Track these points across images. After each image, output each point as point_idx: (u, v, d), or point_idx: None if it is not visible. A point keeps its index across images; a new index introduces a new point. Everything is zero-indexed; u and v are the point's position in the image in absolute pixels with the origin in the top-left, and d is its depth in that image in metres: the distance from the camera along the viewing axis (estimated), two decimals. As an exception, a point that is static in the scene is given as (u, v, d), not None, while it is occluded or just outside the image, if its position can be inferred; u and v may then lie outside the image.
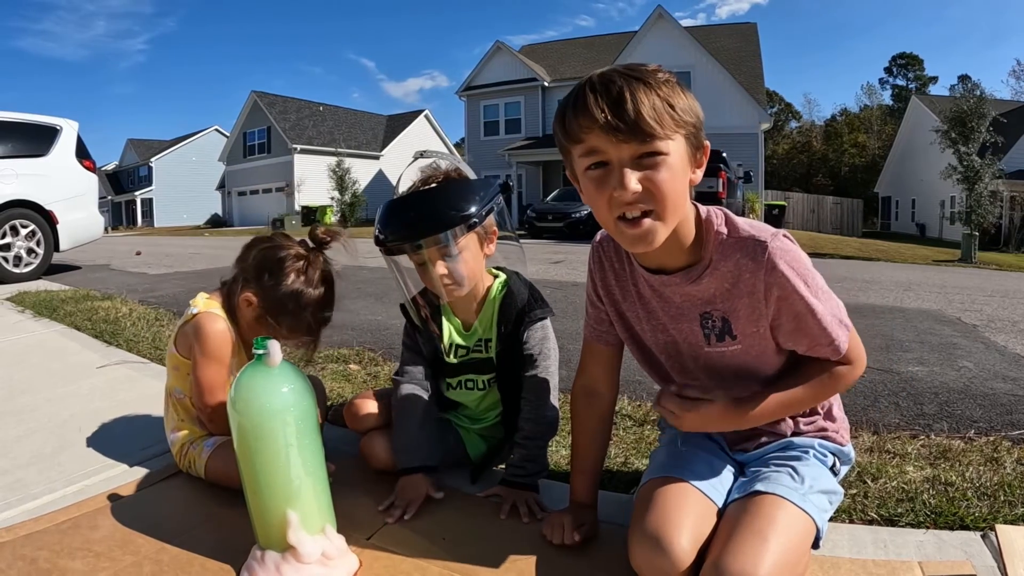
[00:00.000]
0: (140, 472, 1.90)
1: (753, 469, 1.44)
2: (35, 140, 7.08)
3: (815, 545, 1.32)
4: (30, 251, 6.91)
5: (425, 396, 1.84)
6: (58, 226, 7.12)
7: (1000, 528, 1.54)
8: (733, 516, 1.29)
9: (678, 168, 1.16)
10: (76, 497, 1.74)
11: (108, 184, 41.60)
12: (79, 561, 1.43)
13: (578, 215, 17.37)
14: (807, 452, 1.45)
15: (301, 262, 1.80)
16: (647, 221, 1.17)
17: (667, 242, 1.23)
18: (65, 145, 7.30)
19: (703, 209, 1.32)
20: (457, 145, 34.90)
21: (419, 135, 36.91)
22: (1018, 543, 1.47)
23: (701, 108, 1.22)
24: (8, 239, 6.70)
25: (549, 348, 1.78)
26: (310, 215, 28.88)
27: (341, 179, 25.75)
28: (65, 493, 1.77)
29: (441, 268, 1.63)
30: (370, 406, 1.92)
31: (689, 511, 1.30)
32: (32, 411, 2.44)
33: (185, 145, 42.70)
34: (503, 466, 1.88)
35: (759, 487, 1.32)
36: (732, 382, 1.39)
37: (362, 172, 30.27)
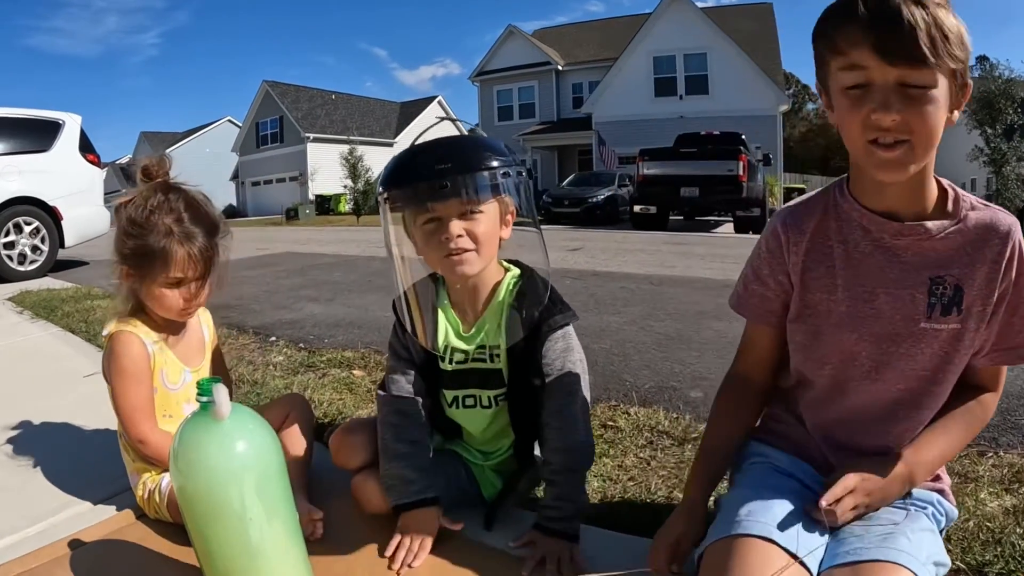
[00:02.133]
0: (106, 512, 1.69)
1: (856, 526, 1.17)
2: (37, 135, 6.91)
3: None
4: (35, 248, 6.78)
5: (417, 413, 1.55)
6: (63, 222, 6.98)
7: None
8: None
9: (941, 103, 1.03)
10: (38, 541, 1.56)
11: (122, 177, 41.71)
12: None
13: (595, 200, 17.13)
14: (925, 509, 1.21)
15: (138, 204, 1.58)
16: (901, 149, 1.04)
17: (910, 182, 1.11)
18: (68, 140, 7.13)
19: None
20: (471, 131, 34.64)
21: (433, 121, 36.57)
22: None
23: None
24: (12, 237, 6.57)
25: (574, 360, 1.49)
26: (324, 204, 28.84)
27: (354, 167, 25.58)
28: (27, 535, 1.60)
29: (457, 227, 1.35)
30: (355, 441, 1.63)
31: None
32: (10, 427, 2.30)
33: (198, 137, 42.68)
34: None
35: (874, 554, 1.07)
36: (892, 403, 1.20)
37: (376, 160, 30.00)
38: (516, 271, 1.53)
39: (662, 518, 1.58)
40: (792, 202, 1.31)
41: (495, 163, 1.34)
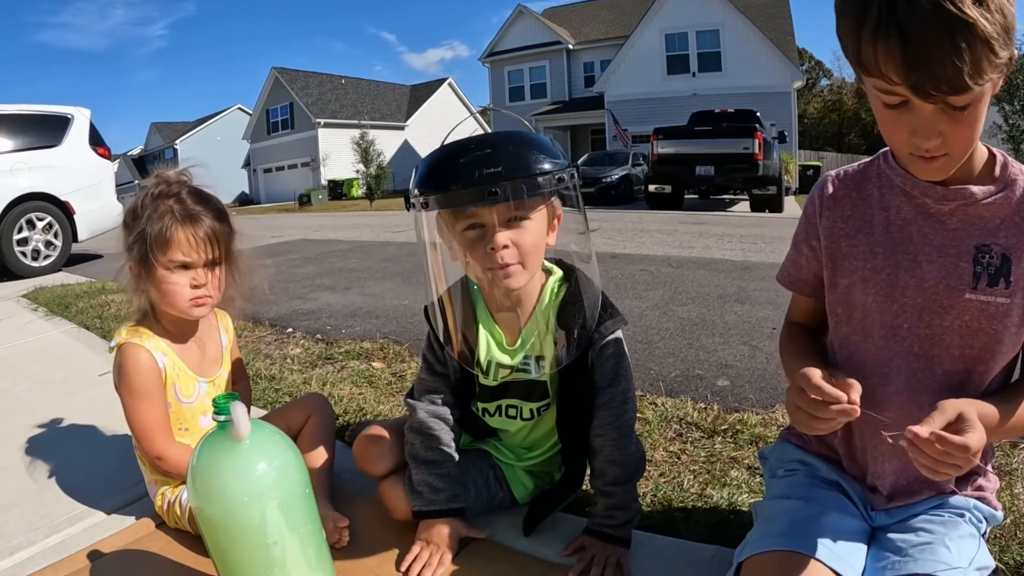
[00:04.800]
0: (124, 521, 1.65)
1: (895, 537, 1.11)
2: (47, 131, 6.89)
3: None
4: (48, 244, 6.79)
5: (448, 421, 1.48)
6: (75, 217, 6.97)
7: None
8: None
9: (983, 110, 0.97)
10: (56, 553, 1.53)
11: (135, 169, 41.89)
12: None
13: (609, 179, 16.99)
14: (963, 515, 1.14)
15: (140, 197, 1.54)
16: (942, 160, 1.00)
17: None
18: (78, 134, 7.11)
19: None
20: (481, 112, 34.69)
21: (443, 104, 36.62)
22: None
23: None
24: (25, 233, 6.57)
25: (625, 368, 1.42)
26: (336, 189, 28.85)
27: (366, 151, 25.51)
28: (44, 547, 1.56)
29: (503, 238, 1.24)
30: (380, 449, 1.57)
31: None
32: (25, 433, 2.26)
33: (209, 126, 42.70)
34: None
35: (913, 568, 1.02)
36: (939, 386, 1.11)
37: (387, 144, 30.12)
38: (559, 272, 1.44)
39: (694, 517, 1.55)
40: (838, 168, 1.26)
41: (547, 166, 1.21)
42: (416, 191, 1.25)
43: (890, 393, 1.15)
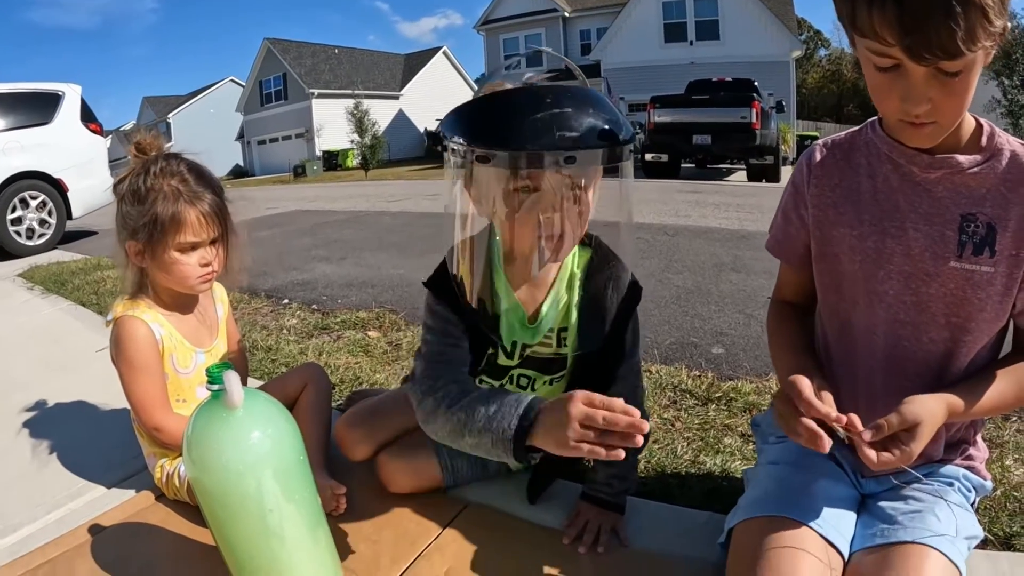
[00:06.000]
0: (124, 495, 1.66)
1: (885, 504, 1.13)
2: (38, 108, 6.79)
3: None
4: (42, 222, 6.72)
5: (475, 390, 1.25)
6: (69, 194, 6.90)
7: None
8: (870, 574, 1.00)
9: (974, 78, 0.97)
10: (57, 528, 1.53)
11: (126, 144, 41.52)
12: None
13: (604, 149, 16.84)
14: (952, 484, 1.16)
15: (138, 173, 1.52)
16: (931, 127, 1.01)
17: None
18: (69, 111, 7.00)
19: None
20: (478, 81, 34.31)
21: (438, 73, 36.22)
22: None
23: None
24: (19, 212, 6.50)
25: (639, 338, 1.38)
26: (331, 159, 28.65)
27: (360, 121, 25.30)
28: (46, 523, 1.57)
29: (559, 207, 1.11)
30: (356, 435, 1.55)
31: (810, 571, 0.99)
32: (24, 411, 2.27)
33: (201, 99, 42.23)
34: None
35: (902, 535, 1.03)
36: (924, 354, 1.12)
37: (382, 113, 29.83)
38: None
39: (688, 483, 1.57)
40: (826, 137, 1.26)
41: (623, 135, 1.07)
42: (469, 141, 1.06)
43: (877, 361, 1.16)
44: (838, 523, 1.08)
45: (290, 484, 1.06)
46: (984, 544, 1.31)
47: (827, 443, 0.96)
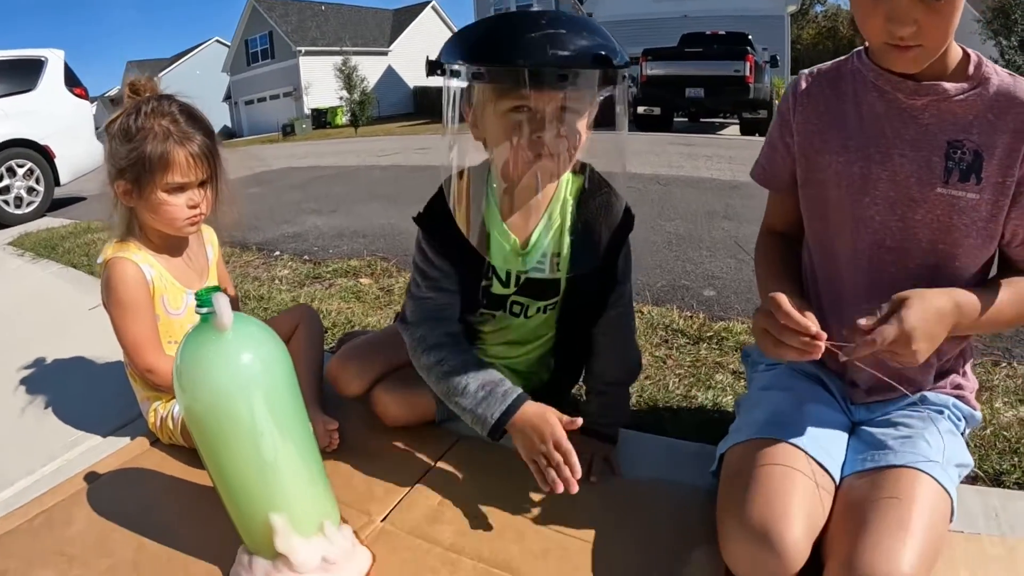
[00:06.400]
0: (119, 443, 1.66)
1: (875, 431, 1.14)
2: (21, 75, 6.65)
3: None
4: (30, 190, 6.62)
5: (468, 352, 1.36)
6: (56, 160, 6.79)
7: None
8: (863, 498, 1.01)
9: (958, 5, 0.98)
10: (53, 479, 1.54)
11: (112, 110, 41.04)
12: (51, 569, 1.22)
13: (597, 102, 16.69)
14: (941, 412, 1.17)
15: (129, 113, 1.51)
16: (916, 50, 1.01)
17: None
18: (53, 76, 6.86)
19: None
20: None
21: (427, 28, 35.62)
22: None
23: None
24: (6, 181, 6.41)
25: (631, 267, 1.39)
26: (320, 117, 28.34)
27: (349, 77, 24.98)
28: (42, 475, 1.57)
29: (554, 127, 1.11)
30: (353, 367, 1.57)
31: (802, 491, 1.01)
32: (19, 371, 2.26)
33: (186, 61, 41.55)
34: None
35: (893, 460, 1.04)
36: (914, 280, 1.10)
37: (371, 70, 29.45)
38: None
39: (681, 416, 1.59)
40: (812, 67, 1.26)
41: (617, 60, 1.08)
42: (464, 59, 1.08)
43: (862, 288, 1.17)
44: (829, 447, 1.10)
45: (282, 409, 1.05)
46: (974, 480, 1.35)
47: (818, 349, 0.97)
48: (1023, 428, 1.52)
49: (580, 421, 1.21)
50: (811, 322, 0.99)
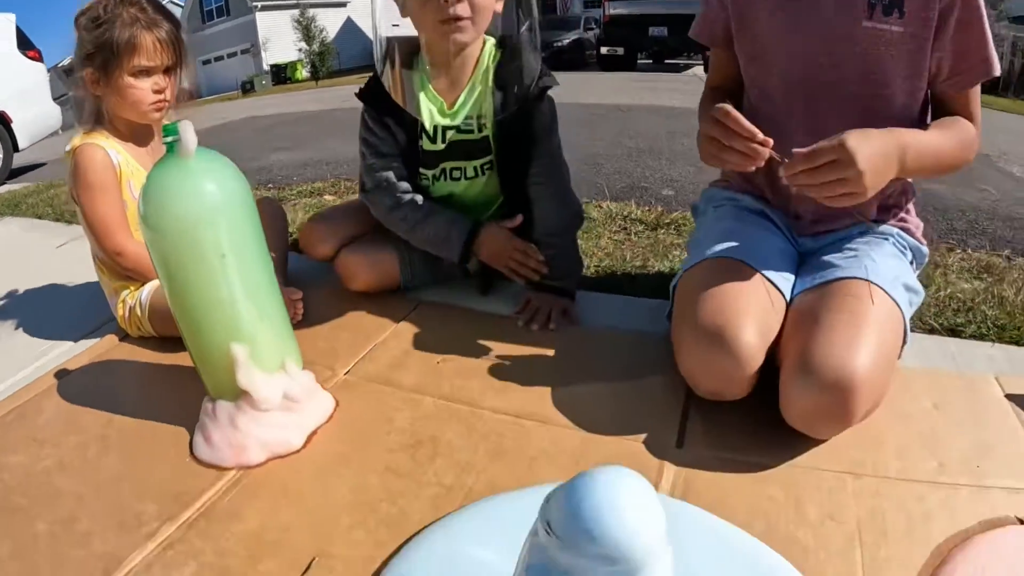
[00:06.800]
0: (90, 343, 1.68)
1: (822, 259, 1.19)
2: (-29, 42, 6.44)
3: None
4: (-12, 157, 6.46)
5: (419, 199, 1.52)
6: (13, 125, 6.54)
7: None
8: (812, 305, 1.05)
9: None
10: (25, 383, 1.54)
11: (66, 80, 39.86)
12: (21, 454, 1.23)
13: (560, 44, 16.51)
14: (887, 239, 1.22)
15: (99, 2, 1.54)
16: None
17: None
18: (4, 40, 6.59)
19: None
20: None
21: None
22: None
23: None
24: (-38, 150, 6.24)
25: (557, 126, 1.50)
26: (280, 73, 27.72)
27: (307, 28, 24.48)
28: (15, 380, 1.57)
29: None
30: (323, 227, 1.66)
31: (755, 300, 1.05)
32: None
33: (140, 22, 40.53)
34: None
35: (840, 274, 1.09)
36: (851, 113, 1.13)
37: (330, 22, 28.80)
38: (492, 40, 1.49)
39: (638, 281, 1.63)
40: None
41: None
42: None
43: (798, 124, 1.20)
44: (779, 267, 1.14)
45: (243, 240, 1.07)
46: (931, 331, 1.42)
47: (762, 155, 1.00)
48: (977, 293, 1.59)
49: (520, 217, 1.49)
50: (757, 131, 1.02)
